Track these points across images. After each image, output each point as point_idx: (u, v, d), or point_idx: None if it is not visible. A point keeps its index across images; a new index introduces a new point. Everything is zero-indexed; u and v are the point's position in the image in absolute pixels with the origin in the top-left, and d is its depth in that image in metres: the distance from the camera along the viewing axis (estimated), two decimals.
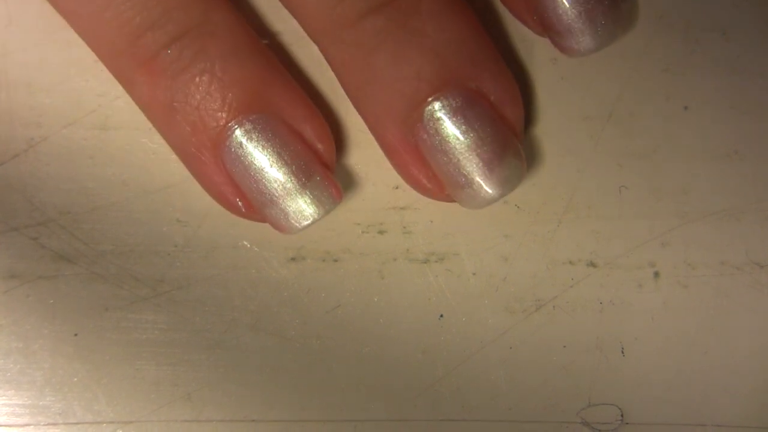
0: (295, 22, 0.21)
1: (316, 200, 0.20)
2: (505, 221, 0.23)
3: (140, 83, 0.20)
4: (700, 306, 0.23)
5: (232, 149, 0.20)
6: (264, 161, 0.20)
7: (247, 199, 0.21)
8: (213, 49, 0.20)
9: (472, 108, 0.20)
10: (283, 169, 0.20)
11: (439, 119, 0.20)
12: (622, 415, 0.23)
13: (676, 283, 0.23)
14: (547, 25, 0.21)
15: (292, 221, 0.20)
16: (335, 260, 0.23)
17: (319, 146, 0.21)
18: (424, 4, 0.20)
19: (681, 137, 0.23)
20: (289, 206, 0.20)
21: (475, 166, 0.20)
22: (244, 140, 0.20)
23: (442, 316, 0.23)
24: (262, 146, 0.20)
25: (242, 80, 0.20)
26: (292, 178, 0.20)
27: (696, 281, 0.23)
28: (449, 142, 0.20)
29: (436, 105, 0.20)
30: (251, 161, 0.20)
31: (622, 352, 0.23)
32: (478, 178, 0.20)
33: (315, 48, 0.21)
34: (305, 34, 0.21)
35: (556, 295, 0.23)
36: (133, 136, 0.22)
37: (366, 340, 0.23)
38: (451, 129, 0.20)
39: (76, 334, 0.22)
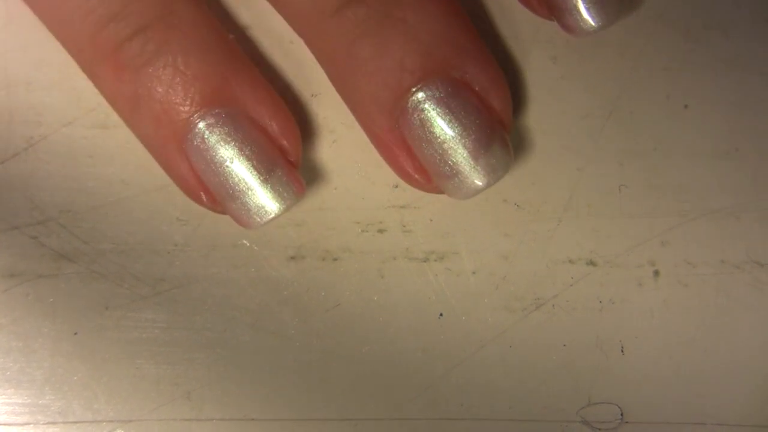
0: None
1: (278, 196, 0.20)
2: (504, 220, 0.23)
3: (104, 76, 0.20)
4: (700, 305, 0.23)
5: (195, 143, 0.20)
6: (225, 156, 0.20)
7: (210, 193, 0.20)
8: (176, 42, 0.19)
9: (457, 97, 0.20)
10: (245, 164, 0.20)
11: (423, 109, 0.20)
12: (621, 414, 0.23)
13: (676, 281, 0.23)
14: (551, 5, 0.21)
15: (254, 216, 0.20)
16: (335, 259, 0.23)
17: (284, 142, 0.21)
18: None
19: (681, 135, 0.23)
20: (250, 201, 0.20)
21: (460, 155, 0.20)
22: (205, 134, 0.20)
23: (441, 314, 0.23)
24: (224, 141, 0.20)
25: (205, 74, 0.20)
26: (254, 173, 0.20)
27: (696, 280, 0.23)
28: (434, 132, 0.20)
29: (420, 95, 0.20)
30: (213, 156, 0.20)
31: (622, 351, 0.23)
32: (463, 168, 0.20)
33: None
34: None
35: (556, 293, 0.23)
36: (133, 135, 0.22)
37: (366, 338, 0.23)
38: (435, 119, 0.20)
39: (75, 333, 0.22)
